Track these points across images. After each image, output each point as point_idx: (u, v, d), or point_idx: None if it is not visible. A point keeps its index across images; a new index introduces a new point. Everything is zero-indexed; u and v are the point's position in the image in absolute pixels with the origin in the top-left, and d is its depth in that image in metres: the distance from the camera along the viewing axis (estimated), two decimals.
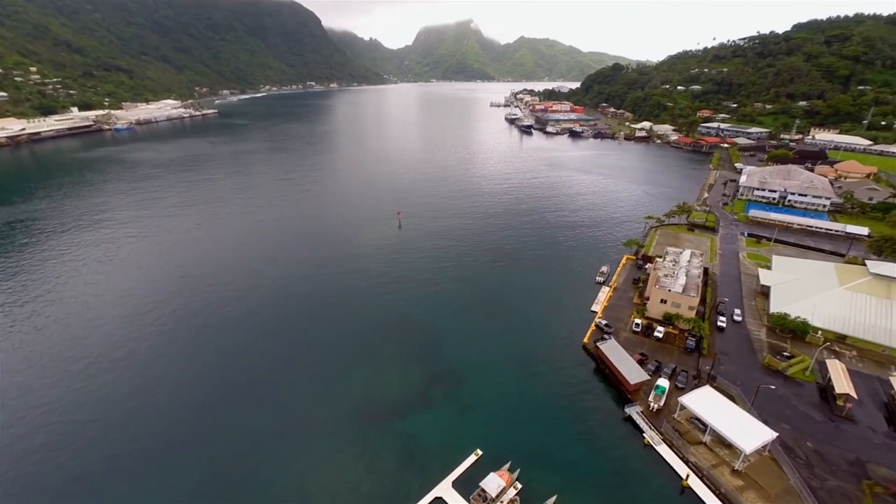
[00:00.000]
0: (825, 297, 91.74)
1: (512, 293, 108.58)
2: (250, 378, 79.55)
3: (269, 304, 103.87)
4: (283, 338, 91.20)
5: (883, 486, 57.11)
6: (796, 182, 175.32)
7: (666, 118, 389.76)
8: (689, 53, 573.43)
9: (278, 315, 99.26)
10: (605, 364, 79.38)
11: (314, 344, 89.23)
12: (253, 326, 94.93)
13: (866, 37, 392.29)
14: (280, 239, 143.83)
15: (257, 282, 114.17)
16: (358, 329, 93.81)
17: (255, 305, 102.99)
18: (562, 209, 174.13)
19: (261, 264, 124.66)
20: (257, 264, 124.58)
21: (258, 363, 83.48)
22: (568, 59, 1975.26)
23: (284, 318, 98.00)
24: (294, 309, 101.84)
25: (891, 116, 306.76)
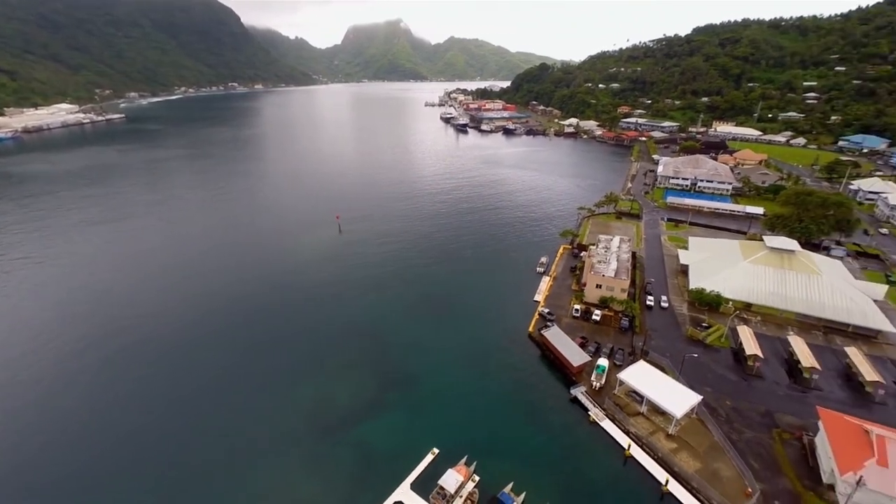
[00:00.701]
0: (733, 271, 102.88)
1: (458, 291, 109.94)
2: (189, 402, 73.45)
3: (202, 322, 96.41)
4: (222, 356, 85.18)
5: (789, 432, 65.38)
6: (704, 170, 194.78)
7: (590, 114, 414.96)
8: (607, 54, 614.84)
9: (213, 333, 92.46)
10: (549, 350, 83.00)
11: (256, 359, 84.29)
12: (184, 347, 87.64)
13: (752, 39, 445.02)
14: (209, 252, 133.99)
15: (186, 300, 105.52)
16: (302, 340, 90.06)
17: (184, 325, 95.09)
18: (501, 205, 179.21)
19: (189, 280, 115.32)
20: (185, 281, 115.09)
21: (196, 385, 77.30)
22: (497, 59, 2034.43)
23: (221, 336, 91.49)
24: (231, 325, 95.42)
25: (776, 110, 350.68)
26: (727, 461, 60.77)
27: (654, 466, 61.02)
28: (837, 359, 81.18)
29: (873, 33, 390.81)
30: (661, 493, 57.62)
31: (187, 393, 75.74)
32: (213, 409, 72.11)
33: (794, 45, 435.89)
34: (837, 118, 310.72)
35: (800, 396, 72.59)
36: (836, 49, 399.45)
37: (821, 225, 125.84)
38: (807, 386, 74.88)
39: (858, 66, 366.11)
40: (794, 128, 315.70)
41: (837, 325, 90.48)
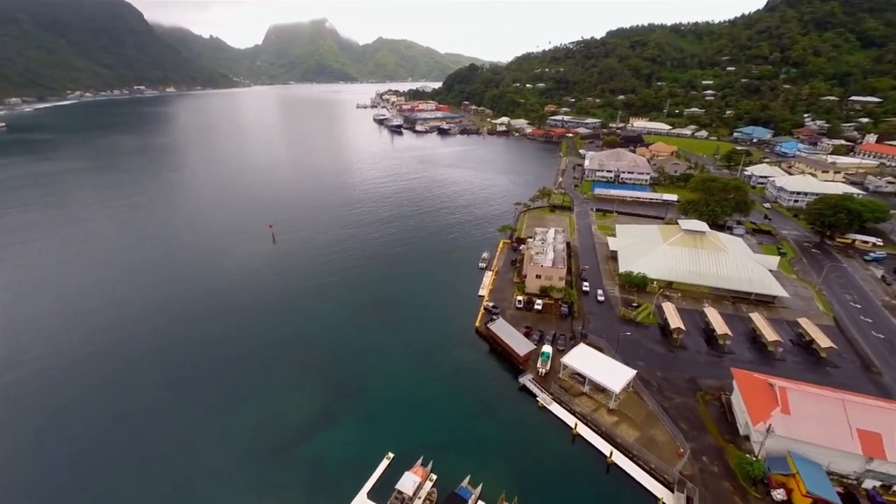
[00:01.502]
0: (655, 253, 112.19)
1: (404, 293, 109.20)
2: (121, 437, 65.89)
3: (125, 350, 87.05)
4: (154, 385, 77.71)
5: (710, 394, 72.68)
6: (625, 162, 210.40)
7: (520, 113, 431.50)
8: (531, 55, 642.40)
9: (140, 361, 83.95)
10: (496, 342, 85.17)
11: (192, 385, 77.82)
12: (108, 381, 78.63)
13: (658, 42, 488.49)
14: (126, 272, 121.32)
15: (104, 328, 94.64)
16: (243, 359, 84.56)
17: (106, 356, 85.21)
18: (442, 205, 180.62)
19: (102, 307, 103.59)
20: (98, 309, 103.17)
21: (126, 419, 69.54)
22: (427, 60, 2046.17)
23: (150, 364, 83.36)
24: (159, 350, 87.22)
25: (681, 106, 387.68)
26: (661, 427, 66.25)
27: (599, 441, 64.96)
28: (744, 324, 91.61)
29: (755, 37, 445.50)
30: (607, 465, 61.49)
31: (118, 428, 68.01)
32: (149, 443, 65.48)
33: (693, 48, 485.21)
34: (731, 112, 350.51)
35: (716, 361, 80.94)
36: (726, 51, 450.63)
37: (724, 207, 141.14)
38: (722, 351, 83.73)
39: (745, 66, 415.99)
40: (697, 122, 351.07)
41: (742, 294, 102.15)
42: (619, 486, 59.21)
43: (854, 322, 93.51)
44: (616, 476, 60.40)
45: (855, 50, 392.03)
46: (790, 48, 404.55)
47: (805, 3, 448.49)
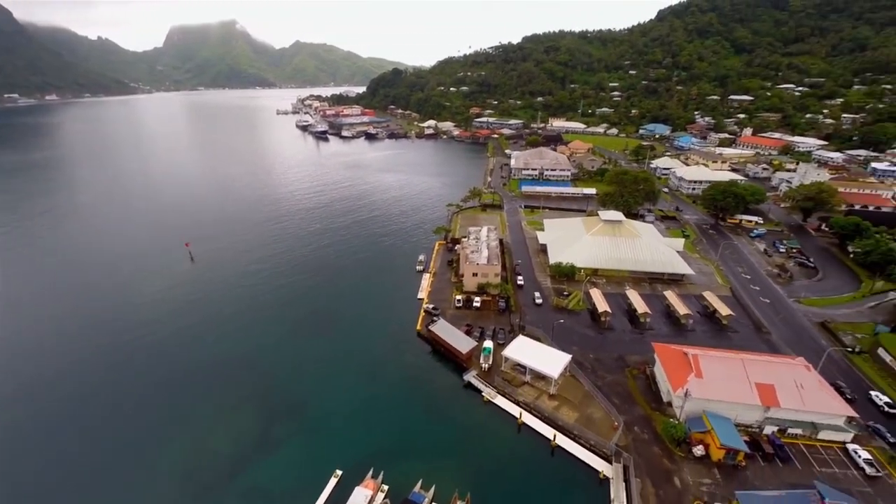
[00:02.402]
0: (579, 244, 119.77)
1: (342, 304, 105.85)
2: (39, 482, 56.13)
3: (34, 388, 74.61)
4: (66, 427, 67.91)
5: (636, 369, 79.07)
6: (547, 160, 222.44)
7: (446, 116, 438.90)
8: (453, 59, 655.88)
9: (53, 401, 72.50)
10: (439, 343, 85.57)
11: (108, 424, 68.90)
12: (10, 423, 66.76)
13: (569, 48, 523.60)
14: (19, 307, 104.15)
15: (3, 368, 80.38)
16: (166, 389, 76.69)
17: (10, 397, 72.41)
18: (375, 210, 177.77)
19: None
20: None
21: (45, 457, 59.36)
22: (349, 65, 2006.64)
23: (63, 403, 72.78)
24: (73, 388, 76.25)
25: (593, 106, 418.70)
26: (597, 405, 70.79)
27: (543, 426, 67.82)
28: (660, 302, 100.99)
29: (650, 44, 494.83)
30: (552, 449, 64.37)
31: (25, 479, 57.99)
32: (65, 491, 56.65)
33: (599, 53, 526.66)
34: (636, 112, 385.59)
35: (639, 338, 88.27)
36: (627, 56, 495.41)
37: (636, 197, 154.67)
38: (643, 328, 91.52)
39: (644, 69, 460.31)
40: (607, 120, 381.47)
41: (657, 275, 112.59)
42: (564, 466, 62.27)
43: (746, 291, 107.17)
44: (560, 457, 63.45)
45: (730, 55, 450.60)
46: (679, 54, 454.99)
47: (688, 15, 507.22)
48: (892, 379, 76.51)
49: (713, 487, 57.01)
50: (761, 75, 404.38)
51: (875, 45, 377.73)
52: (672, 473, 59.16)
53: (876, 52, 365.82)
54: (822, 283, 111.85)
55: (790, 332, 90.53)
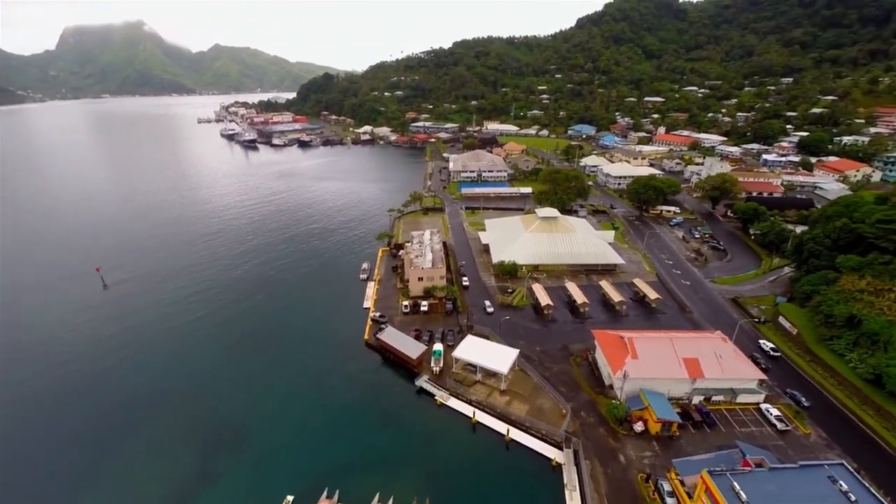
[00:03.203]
0: (520, 241, 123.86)
1: (284, 319, 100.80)
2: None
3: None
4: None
5: (579, 356, 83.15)
6: (484, 162, 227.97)
7: (382, 121, 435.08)
8: (386, 64, 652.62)
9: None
10: (388, 351, 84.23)
11: (24, 475, 59.49)
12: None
13: (498, 53, 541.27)
14: None
15: None
16: (84, 433, 68.05)
17: None
18: (314, 220, 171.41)
19: None
20: None
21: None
22: (277, 70, 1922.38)
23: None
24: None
25: (525, 109, 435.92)
26: (546, 395, 73.42)
27: (497, 422, 69.03)
28: (596, 291, 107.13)
29: (573, 49, 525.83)
30: (506, 443, 65.69)
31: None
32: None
33: (527, 58, 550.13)
34: (564, 113, 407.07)
35: (580, 327, 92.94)
36: (553, 61, 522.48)
37: (569, 194, 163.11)
38: (583, 318, 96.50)
39: (568, 73, 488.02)
40: (538, 122, 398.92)
41: (592, 266, 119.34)
42: (519, 458, 63.80)
43: (669, 275, 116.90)
44: (515, 451, 64.92)
45: (642, 61, 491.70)
46: (598, 59, 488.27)
47: (603, 23, 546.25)
48: (792, 342, 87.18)
49: (653, 459, 61.32)
50: (670, 79, 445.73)
51: (759, 51, 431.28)
52: (617, 451, 62.80)
53: (761, 58, 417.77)
54: (731, 264, 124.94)
55: (708, 310, 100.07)
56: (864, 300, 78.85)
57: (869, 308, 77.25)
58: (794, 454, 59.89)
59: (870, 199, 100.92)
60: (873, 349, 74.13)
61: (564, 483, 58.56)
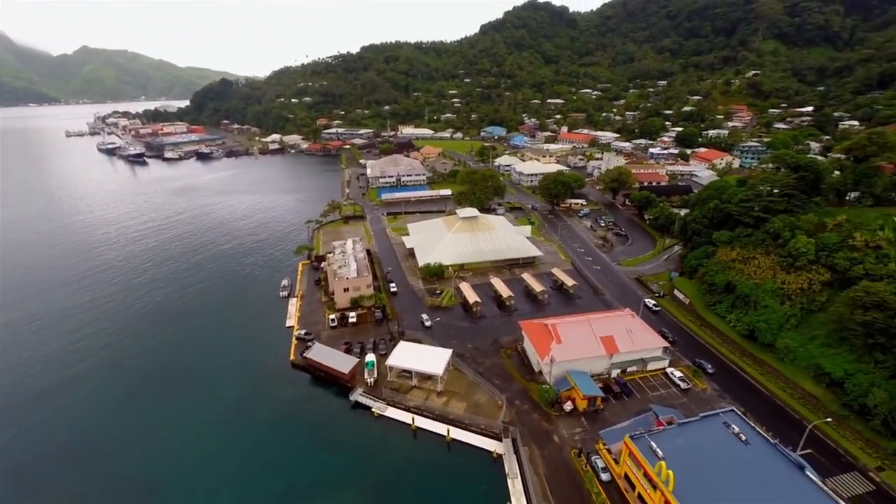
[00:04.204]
0: (444, 242, 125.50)
1: (196, 350, 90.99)
2: None
3: None
4: None
5: (509, 348, 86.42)
6: (402, 167, 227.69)
7: (292, 129, 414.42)
8: (290, 69, 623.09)
9: None
10: (318, 369, 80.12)
11: None
12: None
13: (407, 58, 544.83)
14: None
15: None
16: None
17: None
18: (224, 238, 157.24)
19: None
20: None
21: None
22: (164, 75, 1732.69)
23: None
24: None
25: (438, 112, 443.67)
26: (482, 390, 75.09)
27: (436, 425, 68.95)
28: (520, 284, 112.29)
29: (479, 55, 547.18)
30: (448, 444, 65.90)
31: None
32: None
33: (436, 63, 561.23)
34: (476, 116, 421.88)
35: (508, 320, 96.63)
36: (461, 66, 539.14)
37: (486, 193, 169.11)
38: (510, 311, 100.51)
39: (477, 78, 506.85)
40: (452, 125, 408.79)
41: (513, 261, 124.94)
42: (461, 456, 64.36)
43: (582, 262, 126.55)
44: (456, 450, 65.38)
45: (542, 66, 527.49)
46: (503, 64, 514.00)
47: (505, 30, 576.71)
48: (685, 310, 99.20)
49: (583, 434, 65.73)
50: (567, 82, 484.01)
51: (638, 57, 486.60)
52: (551, 433, 66.26)
53: (640, 63, 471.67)
54: (633, 247, 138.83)
55: (617, 290, 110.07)
56: (736, 268, 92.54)
57: (740, 275, 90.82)
58: (696, 408, 67.99)
59: (733, 183, 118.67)
60: (746, 309, 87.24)
61: (506, 472, 60.29)
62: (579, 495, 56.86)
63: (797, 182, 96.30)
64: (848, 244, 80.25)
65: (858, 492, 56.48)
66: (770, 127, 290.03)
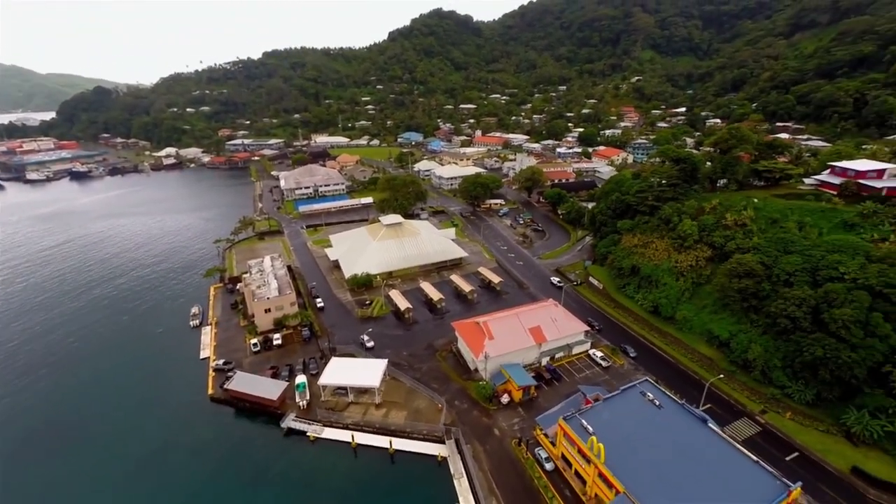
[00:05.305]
0: (369, 251, 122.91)
1: (92, 400, 78.52)
2: None
3: None
4: None
5: (444, 350, 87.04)
6: (319, 177, 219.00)
7: (189, 141, 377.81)
8: (183, 75, 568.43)
9: None
10: (242, 399, 73.69)
11: None
12: None
13: (315, 64, 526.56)
14: None
15: None
16: None
17: None
18: (118, 269, 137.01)
19: None
20: None
21: None
22: (19, 83, 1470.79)
23: None
24: None
25: (352, 120, 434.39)
26: (421, 396, 74.61)
27: (377, 438, 67.04)
28: (449, 286, 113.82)
29: (389, 61, 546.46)
30: (391, 456, 64.38)
31: None
32: None
33: (346, 69, 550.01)
34: (391, 122, 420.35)
35: (440, 322, 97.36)
36: (372, 73, 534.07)
37: (408, 199, 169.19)
38: (441, 313, 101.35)
39: (389, 84, 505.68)
40: (368, 132, 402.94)
41: (441, 263, 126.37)
42: (405, 466, 63.26)
43: (506, 259, 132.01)
44: (400, 460, 64.14)
45: (452, 72, 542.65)
46: (415, 70, 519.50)
47: (413, 37, 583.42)
48: (600, 295, 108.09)
49: (521, 423, 68.35)
50: (477, 88, 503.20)
51: (540, 64, 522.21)
52: (491, 427, 67.92)
53: (541, 70, 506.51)
54: (550, 241, 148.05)
55: (540, 282, 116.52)
56: (638, 252, 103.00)
57: (642, 258, 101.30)
58: (617, 383, 74.17)
59: (629, 177, 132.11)
60: (650, 288, 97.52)
61: (452, 473, 60.47)
62: (522, 483, 58.91)
63: (679, 173, 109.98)
64: (722, 224, 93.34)
65: (749, 434, 65.79)
66: (654, 126, 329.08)
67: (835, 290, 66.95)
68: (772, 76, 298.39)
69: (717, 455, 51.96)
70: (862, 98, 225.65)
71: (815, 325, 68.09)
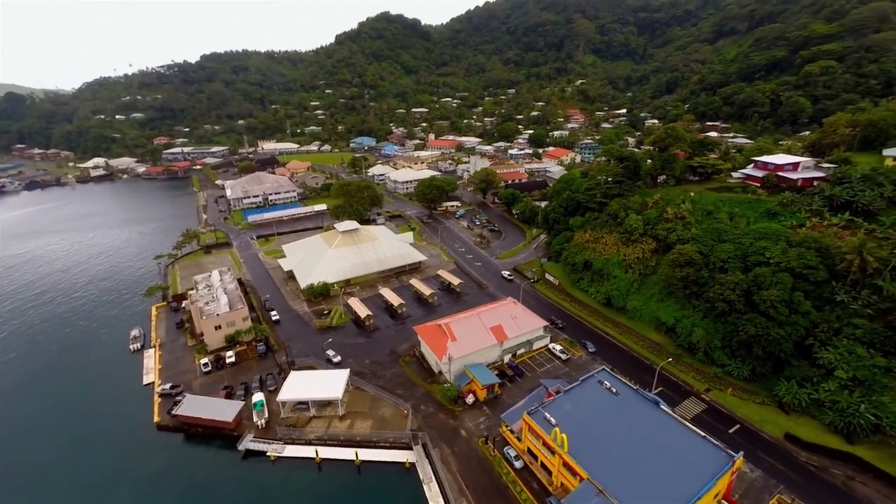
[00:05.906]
0: (325, 260, 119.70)
1: (23, 440, 70.41)
2: None
3: None
4: None
5: (407, 355, 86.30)
6: (268, 185, 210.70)
7: (120, 151, 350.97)
8: (110, 80, 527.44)
9: None
10: (193, 424, 69.21)
11: None
12: None
13: (259, 68, 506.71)
14: None
15: None
16: None
17: None
18: (44, 295, 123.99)
19: None
20: None
21: None
22: None
23: None
24: None
25: (301, 125, 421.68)
26: (386, 403, 73.50)
27: (343, 451, 65.26)
28: (409, 290, 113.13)
29: (338, 65, 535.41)
30: (358, 467, 62.87)
31: None
32: None
33: (293, 73, 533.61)
34: (342, 127, 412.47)
35: (402, 328, 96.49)
36: (320, 76, 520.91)
37: (363, 204, 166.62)
38: (403, 318, 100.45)
39: (339, 88, 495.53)
40: (318, 138, 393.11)
41: (400, 268, 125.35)
42: (373, 477, 62.03)
43: (465, 261, 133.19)
44: (367, 471, 62.80)
45: (403, 76, 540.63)
46: (364, 74, 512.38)
47: (361, 40, 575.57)
48: (556, 290, 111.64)
49: (487, 421, 69.07)
50: (428, 91, 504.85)
51: (489, 68, 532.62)
52: (458, 428, 68.11)
53: (490, 73, 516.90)
54: (506, 241, 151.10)
55: (498, 282, 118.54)
56: (590, 248, 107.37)
57: (594, 253, 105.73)
58: (576, 374, 76.86)
59: (578, 175, 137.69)
60: (602, 281, 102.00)
61: (421, 479, 59.98)
62: (491, 480, 59.50)
63: (624, 171, 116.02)
64: (664, 217, 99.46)
65: (696, 412, 70.38)
66: (599, 126, 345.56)
67: (762, 274, 73.30)
68: (700, 79, 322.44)
69: (669, 434, 55.12)
70: (777, 99, 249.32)
71: (747, 306, 74.12)
